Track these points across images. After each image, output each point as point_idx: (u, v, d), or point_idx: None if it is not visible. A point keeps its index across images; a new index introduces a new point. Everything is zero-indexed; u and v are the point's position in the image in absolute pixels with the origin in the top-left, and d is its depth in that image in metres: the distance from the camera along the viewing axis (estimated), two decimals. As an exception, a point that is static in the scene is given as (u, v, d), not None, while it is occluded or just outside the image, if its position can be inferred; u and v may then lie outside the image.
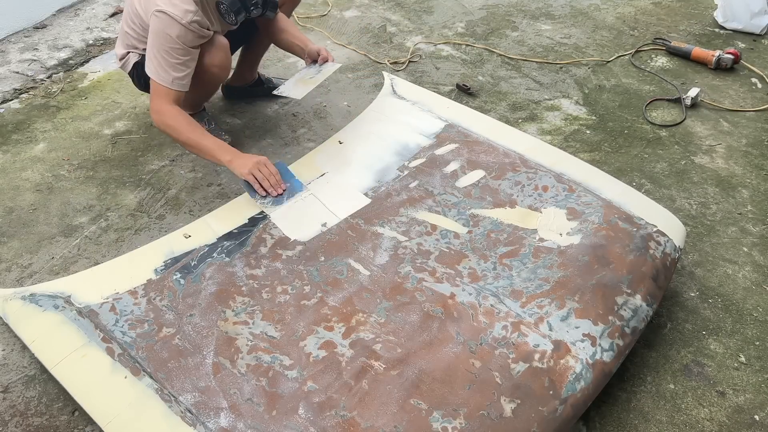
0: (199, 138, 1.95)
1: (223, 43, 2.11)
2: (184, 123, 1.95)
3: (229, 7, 2.01)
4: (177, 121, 1.95)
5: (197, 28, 1.95)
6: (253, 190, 1.93)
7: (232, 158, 1.94)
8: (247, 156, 1.96)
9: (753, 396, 1.62)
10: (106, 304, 1.62)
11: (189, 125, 1.95)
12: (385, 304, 1.62)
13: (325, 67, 2.26)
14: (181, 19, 1.90)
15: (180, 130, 1.94)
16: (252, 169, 1.91)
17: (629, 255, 1.70)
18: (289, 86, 2.27)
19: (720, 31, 3.23)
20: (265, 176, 1.92)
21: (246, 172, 1.91)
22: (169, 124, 1.94)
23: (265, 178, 1.92)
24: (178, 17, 1.89)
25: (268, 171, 1.94)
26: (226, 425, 1.36)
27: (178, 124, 1.94)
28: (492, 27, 3.29)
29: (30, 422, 1.53)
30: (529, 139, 2.19)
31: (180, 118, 1.95)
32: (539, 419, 1.37)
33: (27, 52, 3.00)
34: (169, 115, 1.94)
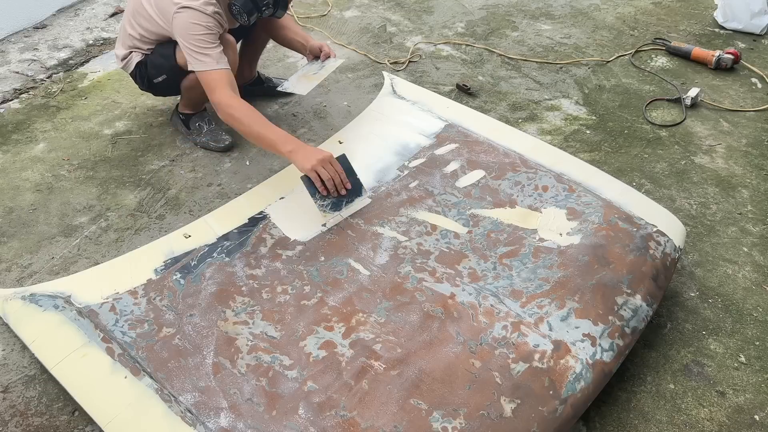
0: (261, 128, 1.88)
1: (232, 41, 2.14)
2: (248, 114, 1.89)
3: (242, 8, 2.05)
4: (241, 111, 1.90)
5: (219, 18, 2.00)
6: (313, 188, 1.81)
7: (294, 149, 1.83)
8: (311, 149, 1.84)
9: (753, 396, 1.62)
10: (106, 304, 1.62)
11: (253, 116, 1.90)
12: (385, 304, 1.62)
13: (327, 62, 2.26)
14: (205, 9, 1.96)
15: (244, 121, 1.89)
16: (316, 166, 1.78)
17: (629, 255, 1.70)
18: (293, 82, 2.28)
19: (720, 31, 3.23)
20: (330, 175, 1.80)
21: (309, 168, 1.79)
22: (234, 115, 1.90)
23: (329, 177, 1.80)
24: (201, 8, 1.95)
25: (334, 170, 1.81)
26: (226, 425, 1.36)
27: (243, 116, 1.89)
28: (492, 27, 3.29)
29: (30, 422, 1.53)
30: (529, 139, 2.19)
31: (244, 109, 1.90)
32: (539, 419, 1.37)
33: (27, 52, 3.00)
34: (235, 107, 1.90)
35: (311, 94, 2.23)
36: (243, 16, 2.07)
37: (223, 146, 2.39)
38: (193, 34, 1.95)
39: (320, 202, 1.82)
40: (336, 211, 1.83)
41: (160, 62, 2.19)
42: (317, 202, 1.82)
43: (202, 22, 1.95)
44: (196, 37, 1.95)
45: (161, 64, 2.19)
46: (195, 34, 1.95)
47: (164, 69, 2.20)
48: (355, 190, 1.87)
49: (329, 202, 1.83)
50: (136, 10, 2.12)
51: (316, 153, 1.82)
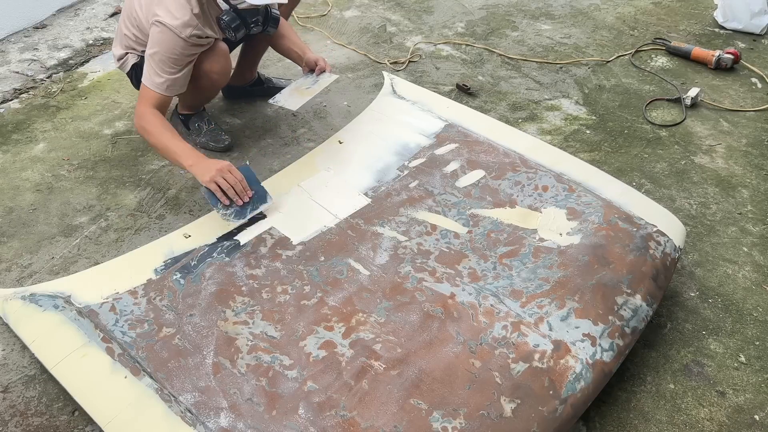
0: (167, 141, 1.88)
1: (224, 49, 2.12)
2: (157, 127, 1.91)
3: (229, 24, 2.03)
4: (152, 124, 1.91)
5: (196, 40, 1.97)
6: (215, 199, 1.81)
7: (193, 162, 1.84)
8: (210, 161, 1.85)
9: (753, 396, 1.62)
10: (106, 304, 1.62)
11: (162, 128, 1.91)
12: (385, 304, 1.62)
13: (322, 77, 2.26)
14: (181, 32, 1.91)
15: (152, 133, 1.90)
16: (215, 177, 1.79)
17: (629, 255, 1.70)
18: (285, 96, 2.27)
19: (720, 31, 3.23)
20: (230, 184, 1.80)
21: (208, 179, 1.79)
22: (144, 127, 1.92)
23: (229, 186, 1.80)
24: (177, 31, 1.91)
25: (234, 178, 1.81)
26: (226, 425, 1.36)
27: (151, 128, 1.91)
28: (492, 27, 3.29)
29: (30, 422, 1.53)
30: (529, 139, 2.19)
31: (154, 122, 1.92)
32: (539, 419, 1.37)
33: (27, 52, 3.00)
34: (146, 119, 1.93)
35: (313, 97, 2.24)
36: (230, 32, 2.05)
37: (222, 146, 2.39)
38: (159, 52, 1.93)
39: (223, 211, 1.81)
40: (240, 219, 1.82)
41: None
42: (220, 211, 1.81)
43: (171, 45, 1.92)
44: (159, 56, 1.94)
45: None
46: (160, 53, 1.93)
47: None
48: (260, 197, 1.86)
49: (232, 210, 1.82)
50: (131, 11, 2.12)
51: (215, 164, 1.83)
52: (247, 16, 2.05)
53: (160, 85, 1.95)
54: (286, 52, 2.36)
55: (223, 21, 2.02)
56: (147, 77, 1.97)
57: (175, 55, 1.94)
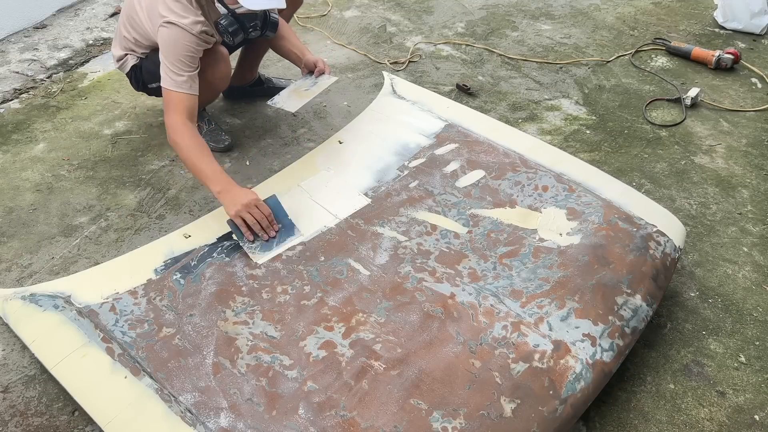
0: (197, 160, 1.84)
1: (224, 53, 2.13)
2: (189, 143, 1.86)
3: (227, 28, 2.02)
4: (183, 138, 1.87)
5: (206, 37, 1.97)
6: (240, 233, 1.77)
7: (222, 190, 1.80)
8: (238, 192, 1.80)
9: (753, 396, 1.62)
10: (106, 304, 1.62)
11: (194, 145, 1.86)
12: (385, 304, 1.62)
13: (321, 79, 2.25)
14: (192, 29, 1.92)
15: (184, 148, 1.86)
16: (241, 211, 1.75)
17: (629, 255, 1.70)
18: (284, 97, 2.27)
19: (720, 31, 3.23)
20: (256, 219, 1.77)
21: (233, 213, 1.76)
22: (176, 140, 1.88)
23: (255, 221, 1.77)
24: (188, 28, 1.91)
25: (260, 213, 1.77)
26: (226, 425, 1.36)
27: (184, 143, 1.86)
28: (492, 27, 3.29)
29: (30, 422, 1.53)
30: (529, 139, 2.19)
31: (186, 136, 1.87)
32: (539, 419, 1.37)
33: (27, 52, 3.00)
34: (178, 132, 1.88)
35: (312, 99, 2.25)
36: (228, 36, 2.04)
37: (222, 146, 2.39)
38: (173, 52, 1.91)
39: (248, 245, 1.77)
40: (267, 252, 1.76)
41: (154, 70, 2.18)
42: (245, 245, 1.77)
43: (185, 41, 1.92)
44: (175, 56, 1.92)
45: (155, 72, 2.17)
46: (174, 52, 1.91)
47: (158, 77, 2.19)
48: (287, 230, 1.82)
49: (258, 244, 1.78)
50: (131, 14, 2.12)
51: (242, 197, 1.78)
52: (245, 20, 2.04)
53: (183, 84, 1.92)
54: (285, 53, 2.36)
55: (221, 25, 2.01)
56: (168, 80, 1.92)
57: (190, 53, 1.93)
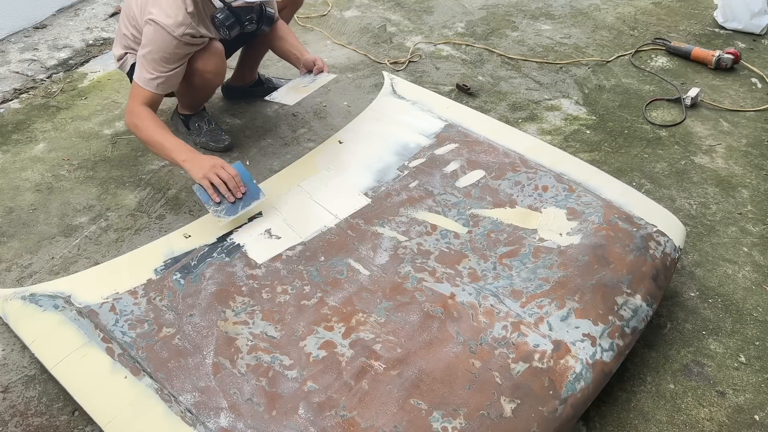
0: (159, 136, 1.89)
1: (218, 48, 2.12)
2: (149, 123, 1.91)
3: (223, 22, 2.02)
4: (143, 121, 1.92)
5: (189, 39, 1.97)
6: (207, 195, 1.81)
7: (187, 158, 1.85)
8: (204, 157, 1.86)
9: (753, 396, 1.62)
10: (106, 304, 1.62)
11: (154, 125, 1.91)
12: (385, 304, 1.62)
13: (319, 77, 2.25)
14: (173, 31, 1.92)
15: (144, 129, 1.91)
16: (207, 173, 1.80)
17: (629, 255, 1.70)
18: (282, 93, 2.26)
19: (720, 31, 3.23)
20: (222, 180, 1.80)
21: (201, 176, 1.80)
22: (136, 123, 1.93)
23: (221, 182, 1.80)
24: (170, 29, 1.92)
25: (227, 174, 1.81)
26: (226, 425, 1.36)
27: (143, 124, 1.91)
28: (492, 27, 3.29)
29: (30, 422, 1.53)
30: (529, 139, 2.19)
31: (146, 118, 1.92)
32: (539, 419, 1.37)
33: (27, 52, 3.00)
34: (137, 115, 1.93)
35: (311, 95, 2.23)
36: (224, 30, 2.05)
37: (222, 146, 2.39)
38: (152, 50, 1.94)
39: (214, 208, 1.81)
40: (231, 216, 1.80)
41: None
42: (211, 208, 1.81)
43: (163, 43, 1.93)
44: (151, 54, 1.94)
45: None
46: (152, 51, 1.94)
47: None
48: (252, 194, 1.85)
49: (224, 207, 1.81)
50: (128, 11, 2.12)
51: (208, 160, 1.84)
52: (241, 13, 2.05)
53: (150, 83, 1.96)
54: (284, 54, 2.36)
55: (218, 19, 2.02)
56: (138, 75, 1.97)
57: (167, 54, 1.94)
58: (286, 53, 2.36)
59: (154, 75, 1.95)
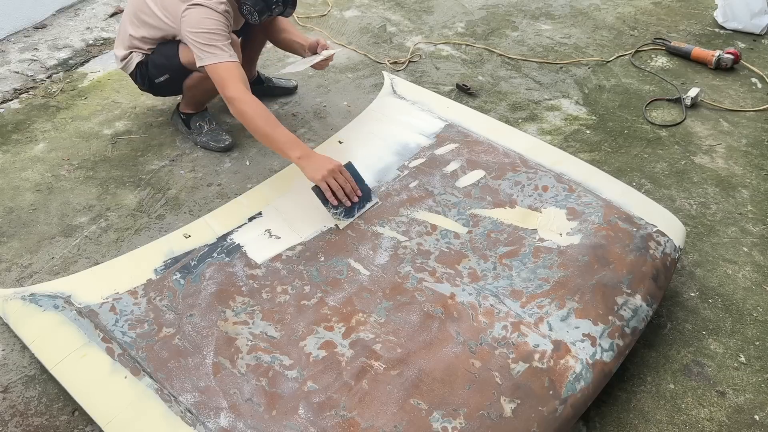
0: (271, 129, 1.87)
1: (236, 40, 2.14)
2: (259, 111, 1.89)
3: (252, 7, 2.05)
4: (253, 109, 1.89)
5: (228, 17, 2.02)
6: (324, 198, 1.82)
7: (302, 156, 1.84)
8: (320, 158, 1.84)
9: (753, 396, 1.62)
10: (106, 304, 1.62)
11: (265, 115, 1.90)
12: (385, 304, 1.62)
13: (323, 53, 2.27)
14: (217, 7, 1.98)
15: (254, 119, 1.88)
16: (327, 177, 1.80)
17: (629, 255, 1.70)
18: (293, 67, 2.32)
19: (720, 31, 3.23)
20: (340, 185, 1.81)
21: (319, 179, 1.80)
22: (244, 110, 1.89)
23: (339, 187, 1.81)
24: (213, 6, 1.98)
25: (344, 179, 1.82)
26: (226, 425, 1.36)
27: (253, 112, 1.88)
28: (492, 27, 3.29)
29: (30, 422, 1.53)
30: (529, 139, 2.19)
31: (255, 107, 1.89)
32: (539, 419, 1.37)
33: (27, 52, 3.00)
34: (245, 102, 1.89)
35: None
36: (254, 15, 2.08)
37: (223, 146, 2.39)
38: (205, 28, 1.96)
39: (333, 211, 1.83)
40: (349, 218, 1.84)
41: (162, 62, 2.19)
42: (330, 210, 1.83)
43: (214, 17, 1.97)
44: (208, 31, 1.96)
45: (163, 64, 2.19)
46: (206, 28, 1.96)
47: (167, 69, 2.20)
48: (365, 196, 1.89)
49: (341, 210, 1.84)
50: (139, 9, 2.12)
51: (326, 163, 1.82)
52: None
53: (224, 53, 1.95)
54: (288, 44, 2.38)
55: (247, 6, 2.05)
56: (211, 57, 1.95)
57: (219, 27, 1.98)
58: (289, 44, 2.38)
59: (222, 47, 1.96)
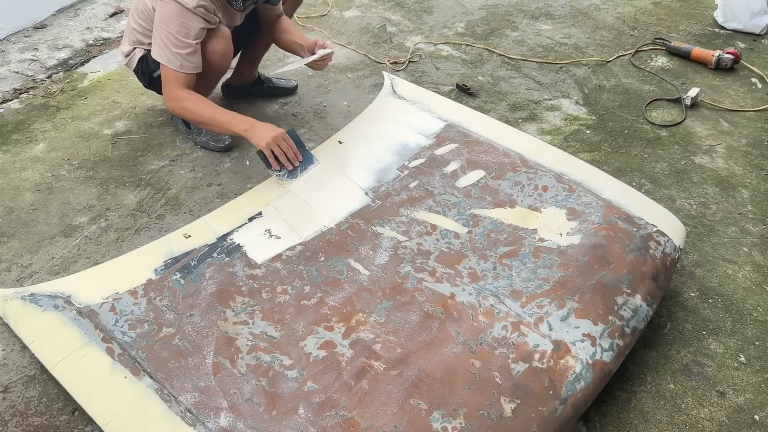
0: (212, 113, 2.01)
1: (226, 32, 2.15)
2: (197, 102, 2.01)
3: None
4: (191, 101, 2.01)
5: (203, 12, 2.00)
6: (268, 162, 1.98)
7: (248, 127, 1.98)
8: (264, 126, 1.98)
9: (753, 396, 1.62)
10: (106, 304, 1.62)
11: (202, 103, 2.01)
12: (385, 304, 1.62)
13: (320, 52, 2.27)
14: (188, 3, 1.96)
15: (194, 110, 2.01)
16: (270, 144, 1.94)
17: (629, 255, 1.70)
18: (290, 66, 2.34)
19: (720, 31, 3.23)
20: (283, 150, 1.96)
21: (264, 145, 1.94)
22: (184, 106, 2.00)
23: (282, 152, 1.96)
24: (184, 2, 1.96)
25: (287, 145, 1.97)
26: (226, 425, 1.36)
27: (192, 105, 2.01)
28: (492, 27, 3.29)
29: (30, 422, 1.53)
30: (529, 139, 2.19)
31: (192, 98, 2.01)
32: (539, 419, 1.37)
33: (27, 52, 3.00)
34: (181, 99, 2.00)
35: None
36: (238, 3, 2.08)
37: (223, 146, 2.39)
38: (168, 28, 1.98)
39: (277, 173, 2.00)
40: (293, 180, 1.99)
41: None
42: (274, 173, 2.00)
43: (180, 18, 1.97)
44: (171, 33, 1.98)
45: None
46: (169, 28, 1.98)
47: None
48: (307, 160, 2.04)
49: (284, 172, 2.00)
50: (137, 4, 2.15)
51: (269, 130, 1.97)
52: None
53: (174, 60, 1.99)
54: (289, 45, 2.38)
55: None
56: (163, 57, 2.00)
57: (185, 29, 1.98)
58: (290, 44, 2.38)
59: (178, 53, 1.99)
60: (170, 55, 1.99)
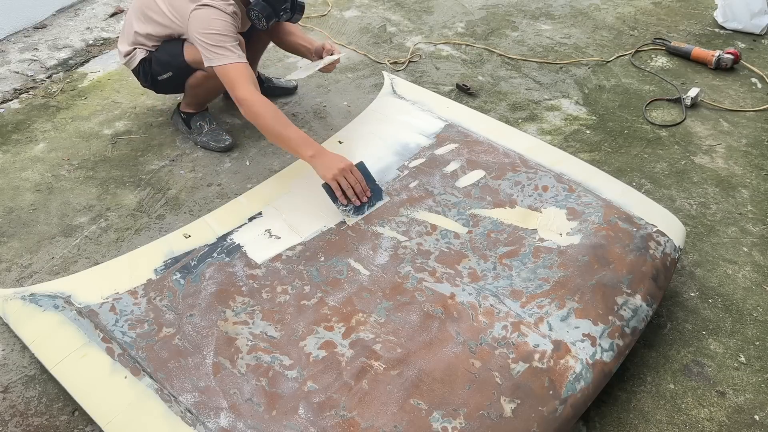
0: (282, 129, 1.90)
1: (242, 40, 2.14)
2: (270, 112, 1.91)
3: (261, 12, 2.06)
4: (264, 109, 1.91)
5: (236, 19, 2.04)
6: (334, 196, 1.85)
7: (315, 154, 1.86)
8: (332, 156, 1.86)
9: (753, 396, 1.62)
10: (106, 304, 1.62)
11: (276, 115, 1.91)
12: (385, 304, 1.62)
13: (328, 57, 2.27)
14: (225, 8, 2.00)
15: (265, 117, 1.90)
16: (338, 176, 1.83)
17: (629, 255, 1.70)
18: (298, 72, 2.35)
19: (720, 31, 3.23)
20: (350, 184, 1.84)
21: (330, 177, 1.83)
22: (257, 112, 1.91)
23: (350, 186, 1.84)
24: (221, 7, 1.99)
25: (354, 179, 1.85)
26: (226, 425, 1.36)
27: (264, 113, 1.90)
28: (492, 27, 3.29)
29: (30, 422, 1.53)
30: (529, 139, 2.19)
31: (266, 107, 1.91)
32: (539, 419, 1.37)
33: (27, 52, 3.00)
34: (256, 104, 1.91)
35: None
36: (262, 21, 2.08)
37: (223, 146, 2.39)
38: (213, 29, 1.97)
39: (343, 208, 1.85)
40: (359, 215, 1.86)
41: (166, 59, 2.19)
42: (339, 207, 1.85)
43: (222, 18, 1.98)
44: (216, 32, 1.97)
45: (167, 62, 2.19)
46: (214, 29, 1.97)
47: (170, 66, 2.20)
48: (376, 195, 1.91)
49: (351, 207, 1.86)
50: (146, 5, 2.13)
51: (337, 162, 1.84)
52: (276, 3, 2.08)
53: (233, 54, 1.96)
54: (294, 47, 2.38)
55: (255, 12, 2.06)
56: (218, 57, 1.96)
57: (228, 30, 1.99)
58: (295, 46, 2.38)
59: (231, 48, 1.96)
60: (227, 52, 1.96)
